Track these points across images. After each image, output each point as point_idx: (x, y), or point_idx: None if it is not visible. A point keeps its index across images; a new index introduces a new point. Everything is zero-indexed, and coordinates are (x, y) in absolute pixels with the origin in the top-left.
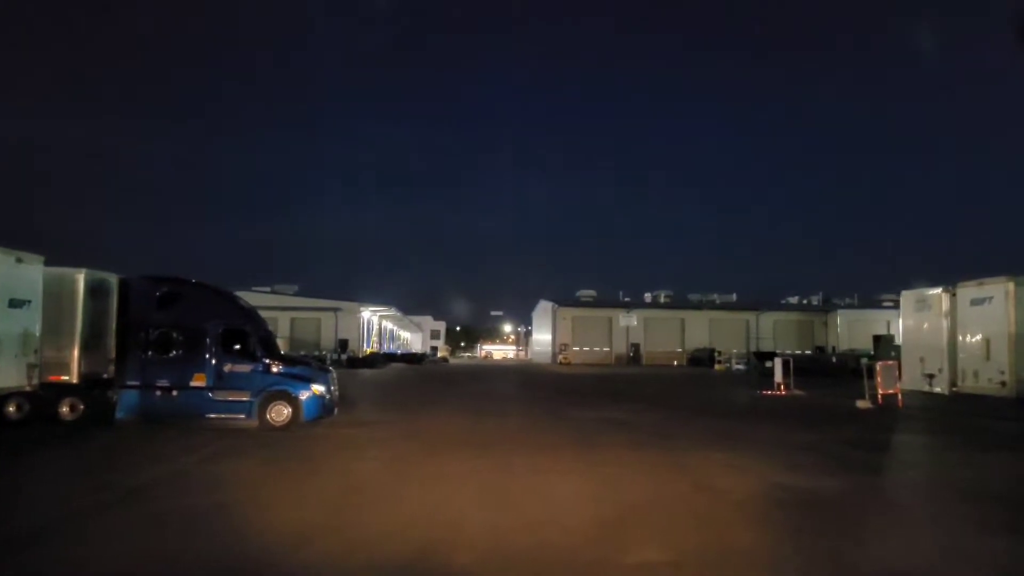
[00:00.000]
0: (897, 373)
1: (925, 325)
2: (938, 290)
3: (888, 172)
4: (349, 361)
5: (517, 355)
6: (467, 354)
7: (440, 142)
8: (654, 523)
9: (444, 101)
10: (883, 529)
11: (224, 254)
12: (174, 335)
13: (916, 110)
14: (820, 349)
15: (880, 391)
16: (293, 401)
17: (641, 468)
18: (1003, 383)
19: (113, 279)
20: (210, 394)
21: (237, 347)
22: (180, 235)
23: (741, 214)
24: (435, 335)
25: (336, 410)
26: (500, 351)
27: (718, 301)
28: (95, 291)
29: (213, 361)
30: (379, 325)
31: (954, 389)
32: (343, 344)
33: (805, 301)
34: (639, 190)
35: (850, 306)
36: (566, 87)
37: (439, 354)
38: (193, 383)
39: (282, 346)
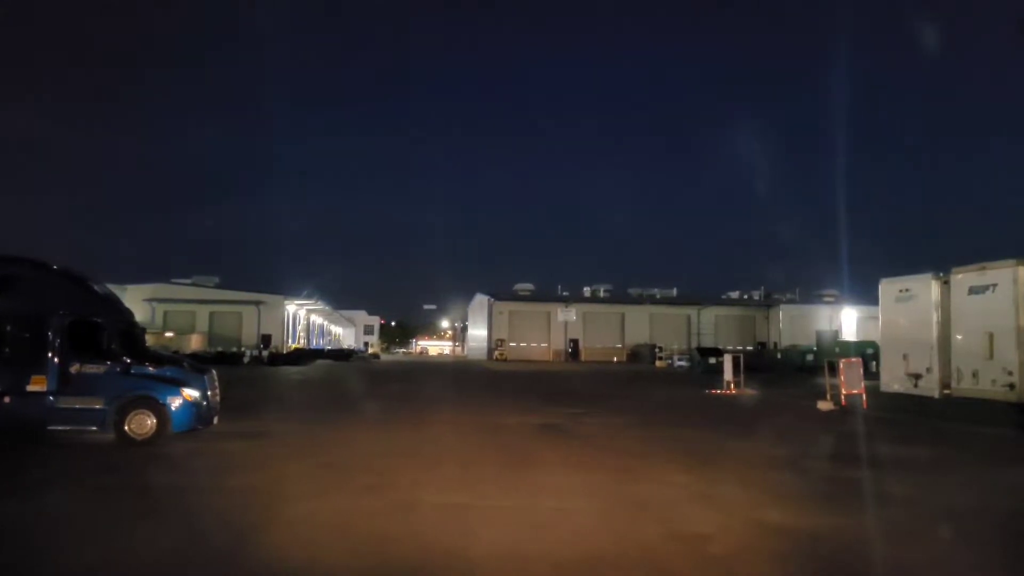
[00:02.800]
0: (861, 371)
1: (909, 318)
2: (926, 276)
3: (831, 168)
4: (271, 357)
5: (453, 351)
6: (402, 350)
7: (373, 133)
8: None
9: (379, 93)
10: None
11: (141, 246)
12: (7, 328)
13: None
14: (762, 344)
15: (844, 391)
16: (159, 409)
17: (590, 502)
18: (1011, 385)
19: None
20: (52, 400)
21: (89, 343)
22: (91, 226)
23: (683, 207)
24: (369, 330)
25: (216, 419)
26: (436, 347)
27: (658, 295)
28: None
29: (56, 360)
30: (307, 320)
31: (947, 392)
32: (266, 339)
33: (746, 296)
34: (577, 182)
35: (791, 301)
36: (503, 72)
37: (370, 350)
38: (31, 387)
39: (199, 342)
